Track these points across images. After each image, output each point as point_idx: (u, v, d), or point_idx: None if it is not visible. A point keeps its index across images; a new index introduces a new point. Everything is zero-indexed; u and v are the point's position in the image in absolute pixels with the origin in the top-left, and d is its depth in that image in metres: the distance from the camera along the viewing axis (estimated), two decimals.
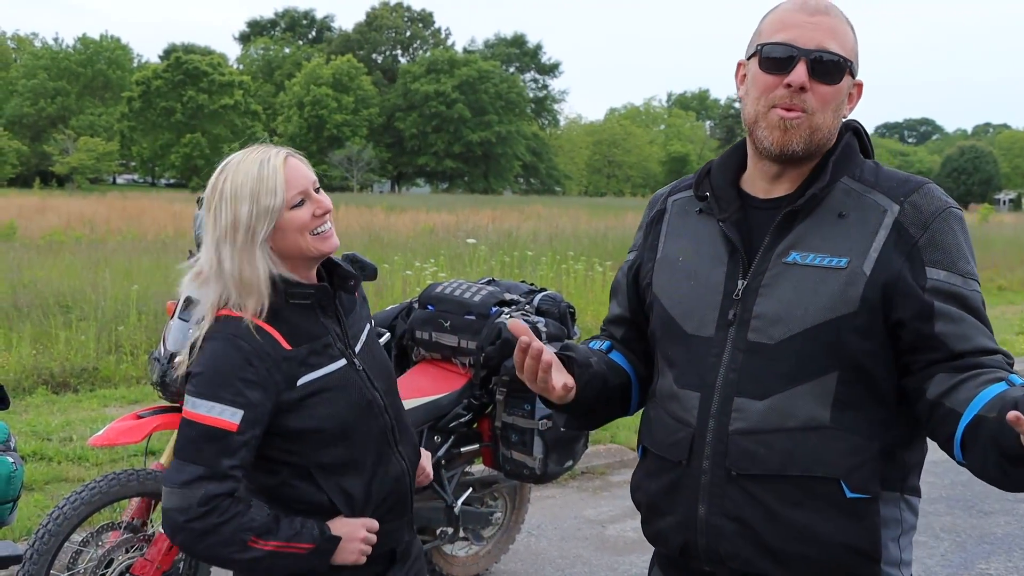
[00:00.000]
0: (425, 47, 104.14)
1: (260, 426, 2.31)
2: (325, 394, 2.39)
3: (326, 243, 2.39)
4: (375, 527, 2.46)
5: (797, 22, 2.05)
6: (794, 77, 2.01)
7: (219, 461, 2.27)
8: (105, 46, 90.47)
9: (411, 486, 2.59)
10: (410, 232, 22.77)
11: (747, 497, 2.03)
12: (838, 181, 2.08)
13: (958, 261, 2.00)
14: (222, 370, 2.30)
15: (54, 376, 8.89)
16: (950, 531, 6.27)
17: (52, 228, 23.36)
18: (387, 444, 2.51)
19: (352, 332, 2.52)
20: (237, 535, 2.28)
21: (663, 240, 2.29)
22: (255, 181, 2.30)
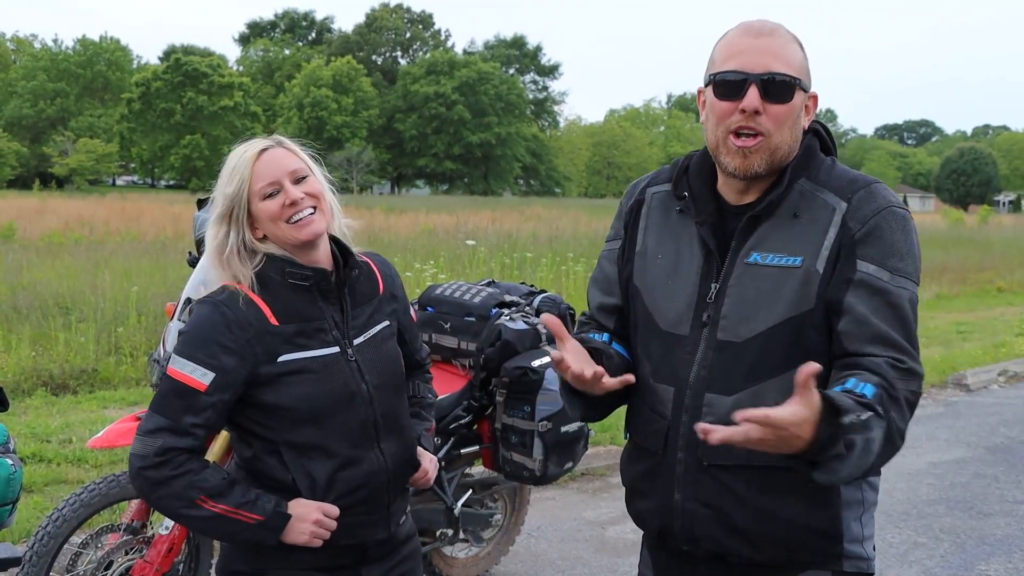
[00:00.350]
0: (425, 48, 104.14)
1: (230, 392, 2.39)
2: (304, 375, 2.43)
3: (301, 231, 2.42)
4: (333, 513, 2.46)
5: (745, 47, 2.13)
6: (747, 102, 2.10)
7: (183, 417, 2.38)
8: (105, 47, 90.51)
9: (391, 485, 2.58)
10: (410, 233, 22.79)
11: (718, 485, 2.18)
12: (795, 183, 2.18)
13: (889, 258, 2.09)
14: (202, 332, 2.41)
15: (53, 378, 8.88)
16: (950, 532, 6.27)
17: (51, 230, 23.38)
18: (366, 438, 2.52)
19: (356, 323, 2.54)
20: (187, 491, 2.37)
21: (642, 233, 2.37)
22: (229, 169, 2.46)
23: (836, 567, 2.21)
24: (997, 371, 11.52)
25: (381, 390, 2.56)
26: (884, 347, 2.05)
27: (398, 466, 2.61)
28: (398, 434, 2.62)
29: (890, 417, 1.96)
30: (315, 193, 2.46)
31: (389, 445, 2.58)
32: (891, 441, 1.98)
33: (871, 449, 1.93)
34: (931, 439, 8.68)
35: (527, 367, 4.35)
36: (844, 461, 1.90)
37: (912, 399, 2.04)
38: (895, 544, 6.03)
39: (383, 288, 2.67)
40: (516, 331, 4.47)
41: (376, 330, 2.59)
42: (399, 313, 2.73)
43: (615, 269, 2.43)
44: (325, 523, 2.46)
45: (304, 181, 2.46)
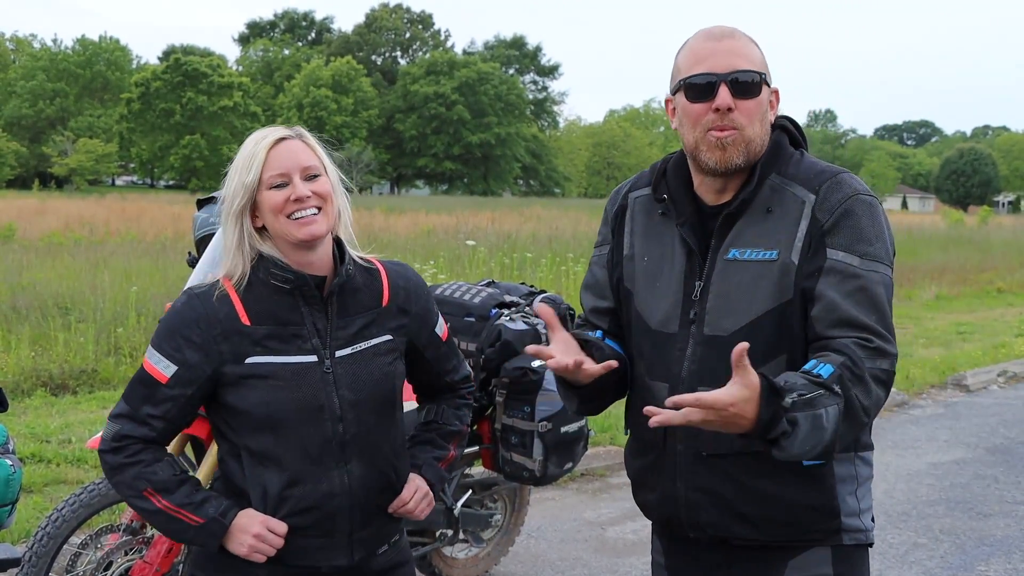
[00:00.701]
0: (425, 49, 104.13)
1: (192, 387, 2.36)
2: (269, 381, 2.34)
3: (300, 229, 2.32)
4: (279, 530, 2.36)
5: (708, 51, 2.25)
6: (720, 101, 2.21)
7: (142, 406, 2.37)
8: (104, 47, 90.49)
9: (355, 511, 2.43)
10: (409, 234, 22.80)
11: (718, 473, 2.27)
12: (766, 179, 2.27)
13: (858, 243, 2.18)
14: (171, 324, 2.39)
15: (53, 378, 8.87)
16: (949, 533, 6.27)
17: (51, 230, 23.37)
18: (328, 455, 2.38)
19: (342, 333, 2.42)
20: (136, 482, 2.36)
21: (628, 237, 2.47)
22: (244, 157, 2.37)
23: (836, 541, 2.30)
24: (997, 372, 11.52)
25: (357, 407, 2.41)
26: (852, 329, 2.13)
27: (366, 492, 2.44)
28: (372, 457, 2.45)
29: (851, 395, 2.04)
30: (323, 194, 2.36)
31: (358, 467, 2.42)
32: (854, 417, 2.07)
33: (822, 425, 2.01)
34: (931, 440, 8.68)
35: (527, 367, 4.35)
36: (792, 438, 1.99)
37: (882, 376, 2.11)
38: (895, 545, 6.03)
39: (388, 300, 2.51)
40: (516, 331, 4.47)
41: (368, 344, 2.45)
42: (410, 329, 2.55)
43: (606, 273, 2.53)
44: (267, 538, 2.36)
45: (315, 180, 2.36)
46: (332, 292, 2.41)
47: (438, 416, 2.74)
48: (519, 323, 4.52)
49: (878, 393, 2.11)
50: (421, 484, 2.60)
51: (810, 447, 2.03)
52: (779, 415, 1.98)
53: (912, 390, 10.44)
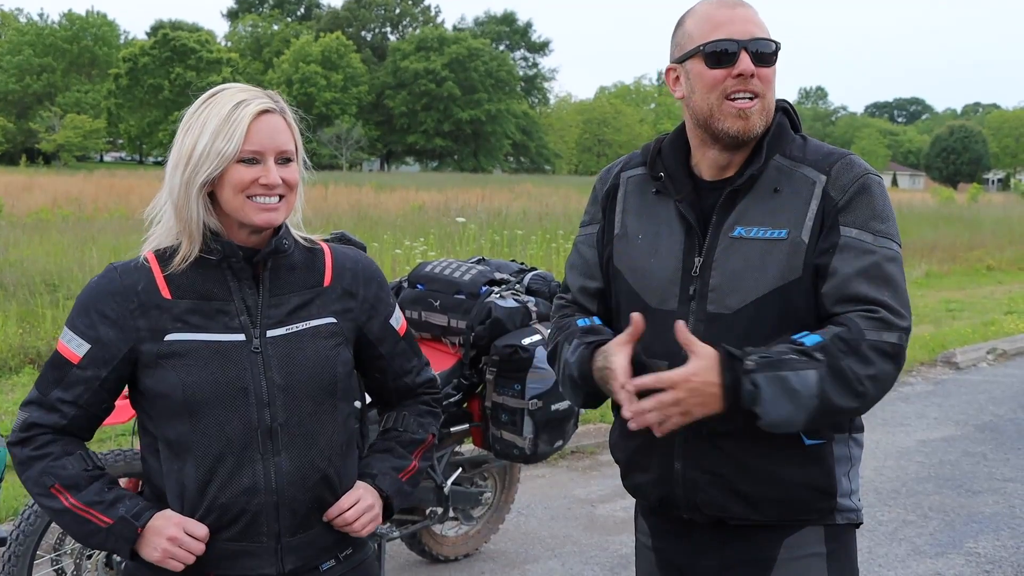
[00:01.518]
0: (415, 25, 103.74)
1: (107, 368, 2.14)
2: (188, 359, 2.12)
3: (259, 215, 2.13)
4: (198, 533, 2.12)
5: (726, 18, 2.24)
6: (743, 67, 2.20)
7: (51, 390, 2.16)
8: (91, 22, 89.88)
9: (281, 511, 2.17)
10: (399, 210, 22.74)
11: (719, 452, 2.27)
12: (771, 159, 2.28)
13: (871, 221, 2.20)
14: (86, 299, 2.18)
15: (41, 355, 8.83)
16: (939, 510, 6.28)
17: (39, 206, 23.26)
18: (252, 445, 2.13)
19: (275, 312, 2.20)
20: (43, 476, 2.14)
21: (619, 216, 2.45)
22: (221, 120, 2.12)
23: (829, 521, 2.32)
24: (986, 349, 11.55)
25: (289, 393, 2.16)
26: (861, 303, 2.15)
27: (295, 490, 2.18)
28: (304, 451, 2.19)
29: (839, 364, 2.07)
30: (292, 183, 2.16)
31: (288, 462, 2.17)
32: (846, 387, 2.09)
33: (792, 388, 2.05)
34: (920, 417, 8.69)
35: (517, 345, 4.33)
36: (761, 403, 2.05)
37: (887, 349, 2.13)
38: (884, 522, 6.04)
39: (330, 281, 2.30)
40: (506, 309, 4.45)
41: (305, 325, 2.22)
42: (357, 316, 2.33)
43: (595, 253, 2.50)
44: (183, 542, 2.11)
45: (287, 165, 2.17)
46: (264, 266, 2.21)
47: (398, 423, 2.48)
48: (509, 300, 4.50)
49: (883, 366, 2.12)
50: (366, 495, 2.30)
51: (789, 413, 2.07)
52: (739, 378, 2.05)
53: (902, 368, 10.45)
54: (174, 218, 2.18)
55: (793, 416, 2.08)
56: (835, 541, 2.33)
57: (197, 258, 2.17)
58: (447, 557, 5.18)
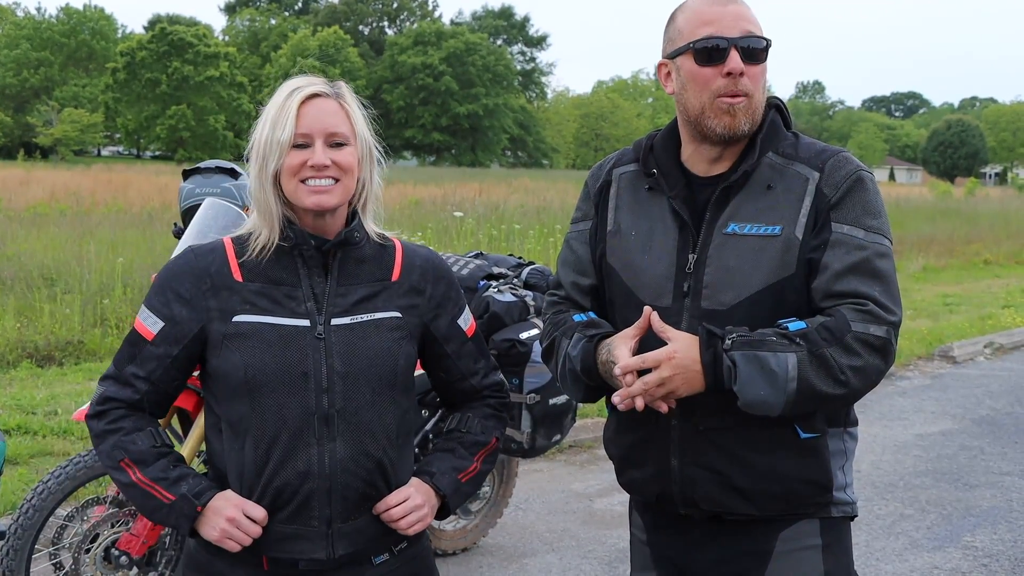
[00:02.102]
0: (412, 19, 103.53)
1: (178, 346, 2.21)
2: (253, 340, 2.17)
3: (310, 197, 2.16)
4: (256, 515, 2.16)
5: (716, 15, 2.23)
6: (732, 65, 2.20)
7: (127, 365, 2.24)
8: (89, 16, 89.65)
9: (333, 496, 2.20)
10: (397, 205, 22.70)
11: (714, 447, 2.28)
12: (764, 156, 2.29)
13: (863, 217, 2.22)
14: (163, 278, 2.26)
15: (39, 349, 8.84)
16: (936, 504, 6.30)
17: (36, 200, 23.23)
18: (308, 429, 2.17)
19: (341, 301, 2.23)
20: (114, 450, 2.21)
21: (612, 213, 2.44)
22: (275, 108, 2.19)
23: (825, 514, 2.34)
24: (984, 343, 11.57)
25: (349, 380, 2.20)
26: (849, 297, 2.17)
27: (348, 477, 2.20)
28: (360, 438, 2.21)
29: (821, 351, 2.10)
30: (344, 165, 2.18)
31: (343, 448, 2.19)
32: (825, 372, 2.10)
33: (771, 368, 2.08)
34: (918, 411, 8.71)
35: (515, 339, 4.33)
36: (738, 379, 2.09)
37: (874, 341, 2.13)
38: (882, 516, 6.05)
39: (399, 276, 2.32)
40: (504, 303, 4.45)
41: (370, 317, 2.25)
42: (423, 312, 2.34)
43: (587, 249, 2.49)
44: (242, 524, 2.15)
45: (340, 148, 2.18)
46: (334, 256, 2.25)
47: (461, 424, 2.46)
48: (507, 295, 4.50)
49: (868, 359, 2.13)
50: (416, 495, 2.30)
51: (767, 393, 2.10)
52: (719, 355, 2.12)
53: (899, 362, 10.47)
54: (256, 209, 2.25)
55: (770, 398, 2.10)
56: (831, 534, 2.35)
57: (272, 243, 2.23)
58: (445, 551, 5.18)
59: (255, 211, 2.26)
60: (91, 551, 3.95)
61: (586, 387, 2.39)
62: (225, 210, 4.09)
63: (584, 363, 2.33)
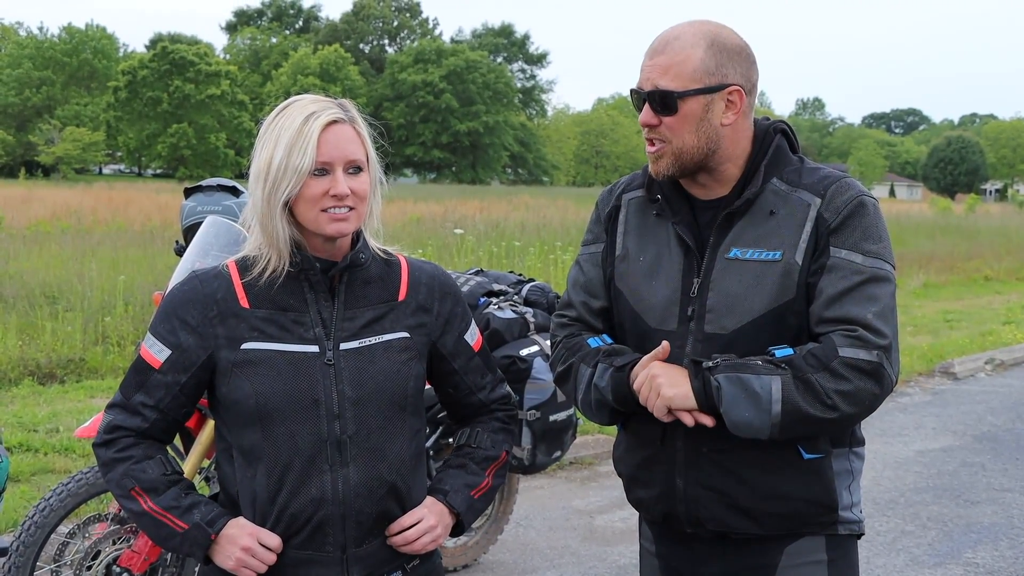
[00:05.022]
0: (413, 37, 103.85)
1: (186, 374, 2.20)
2: (262, 368, 2.16)
3: (329, 225, 2.14)
4: (271, 543, 2.17)
5: (642, 67, 2.33)
6: (642, 118, 2.32)
7: (134, 393, 2.23)
8: (91, 35, 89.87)
9: (348, 521, 2.20)
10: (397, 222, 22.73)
11: (719, 468, 2.32)
12: (768, 182, 2.32)
13: (862, 242, 2.24)
14: (169, 305, 2.24)
15: (40, 367, 8.85)
16: (937, 521, 6.29)
17: (38, 218, 23.26)
18: (322, 456, 2.17)
19: (349, 325, 2.22)
20: (124, 479, 2.19)
21: (621, 238, 2.49)
22: (294, 134, 2.14)
23: (831, 531, 2.37)
24: (984, 359, 11.56)
25: (360, 405, 2.19)
26: (840, 323, 2.20)
27: (362, 502, 2.20)
28: (373, 463, 2.21)
29: (808, 376, 2.14)
30: (361, 193, 2.17)
31: (356, 474, 2.19)
32: (812, 396, 2.14)
33: (754, 391, 2.14)
34: (918, 427, 8.71)
35: (515, 356, 4.34)
36: (723, 400, 2.16)
37: (864, 366, 2.16)
38: (883, 532, 6.05)
39: (405, 295, 2.31)
40: (504, 320, 4.46)
41: (378, 339, 2.24)
42: (431, 331, 2.34)
43: (599, 272, 2.53)
44: (257, 553, 2.16)
45: (357, 175, 2.17)
46: (340, 279, 2.23)
47: (471, 439, 2.45)
48: (507, 311, 4.51)
49: (858, 383, 2.16)
50: (429, 514, 2.30)
51: (751, 416, 2.15)
52: (707, 379, 2.19)
53: (900, 378, 10.45)
54: (259, 230, 2.21)
55: (755, 420, 2.16)
56: (836, 550, 2.38)
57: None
58: (445, 568, 5.18)
59: (258, 234, 2.22)
60: (93, 568, 3.96)
61: (612, 412, 2.42)
62: (227, 228, 4.11)
63: (617, 393, 2.35)
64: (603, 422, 2.49)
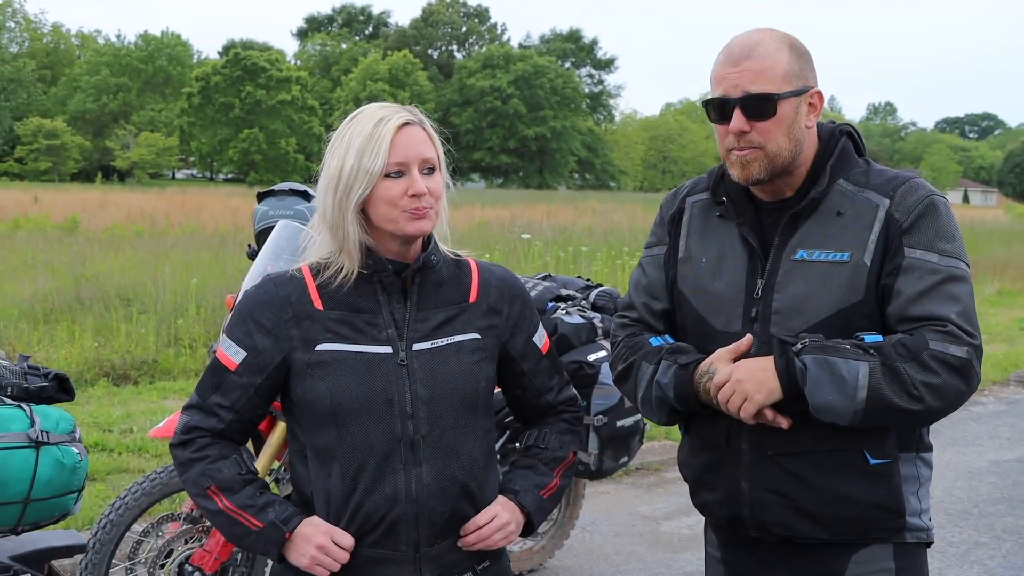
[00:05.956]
0: (481, 42, 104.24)
1: (261, 376, 2.24)
2: (337, 369, 2.19)
3: (411, 223, 2.18)
4: (345, 543, 2.19)
5: (726, 74, 2.29)
6: (733, 125, 2.27)
7: (211, 395, 2.27)
8: (166, 43, 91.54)
9: (421, 520, 2.22)
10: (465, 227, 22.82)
11: (784, 472, 2.31)
12: (835, 183, 2.32)
13: (936, 241, 2.23)
14: (244, 308, 2.28)
15: (115, 368, 9.03)
16: (1012, 532, 6.17)
17: (113, 222, 23.76)
18: (395, 455, 2.19)
19: (421, 326, 2.25)
20: (201, 478, 2.24)
21: (684, 240, 2.50)
22: (365, 138, 2.18)
23: (899, 539, 2.33)
24: None
25: (432, 405, 2.22)
26: (924, 320, 2.19)
27: (435, 501, 2.22)
28: (446, 463, 2.23)
29: (895, 364, 2.13)
30: (437, 192, 2.22)
31: (430, 473, 2.21)
32: (898, 385, 2.13)
33: (840, 375, 2.12)
34: (993, 437, 8.54)
35: (583, 361, 4.34)
36: (807, 382, 2.14)
37: (953, 361, 2.15)
38: (955, 544, 5.94)
39: (476, 296, 2.34)
40: (572, 325, 4.47)
41: (450, 340, 2.27)
42: (501, 332, 2.36)
43: (661, 274, 2.53)
44: (332, 551, 2.18)
45: (431, 174, 2.22)
46: (412, 281, 2.26)
47: (539, 440, 2.47)
48: (575, 317, 4.52)
49: (946, 377, 2.14)
50: (503, 512, 2.33)
51: (836, 399, 2.13)
52: (791, 360, 2.17)
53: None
54: (329, 238, 2.25)
55: (839, 404, 2.14)
56: (905, 559, 2.35)
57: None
58: (512, 572, 5.19)
59: (327, 238, 2.26)
60: (166, 566, 4.03)
61: (670, 411, 2.41)
62: (298, 232, 4.16)
63: (679, 391, 2.35)
64: (662, 421, 2.48)
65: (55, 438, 3.32)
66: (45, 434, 3.29)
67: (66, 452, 3.34)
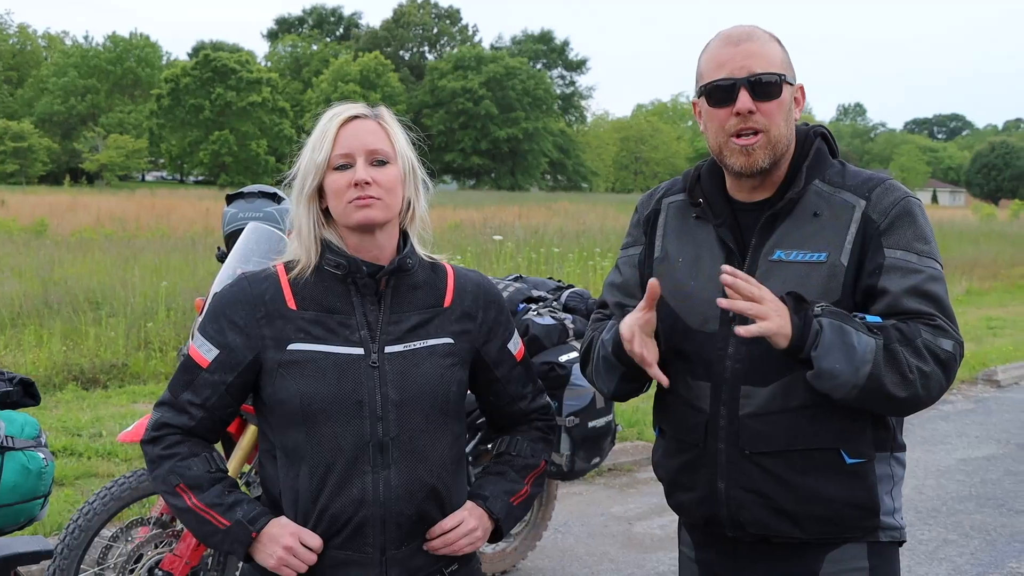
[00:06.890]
0: (452, 44, 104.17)
1: (233, 374, 2.24)
2: (307, 369, 2.18)
3: (356, 212, 2.18)
4: (312, 544, 2.19)
5: (727, 56, 2.29)
6: (740, 105, 2.26)
7: (181, 392, 2.27)
8: (135, 44, 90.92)
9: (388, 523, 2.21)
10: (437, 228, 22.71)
11: (760, 471, 2.31)
12: (811, 184, 2.33)
13: (914, 242, 2.26)
14: (217, 306, 2.28)
15: (84, 372, 8.95)
16: (980, 529, 6.22)
17: (82, 225, 23.56)
18: (364, 457, 2.18)
19: (394, 328, 2.25)
20: (170, 475, 2.23)
21: (660, 240, 2.50)
22: (317, 133, 2.24)
23: (873, 538, 2.36)
24: None
25: (402, 408, 2.21)
26: (915, 314, 2.21)
27: (402, 504, 2.22)
28: (414, 466, 2.22)
29: (894, 346, 2.14)
30: (386, 184, 2.20)
31: (397, 476, 2.21)
32: (895, 366, 2.14)
33: (852, 344, 2.11)
34: (961, 435, 8.61)
35: (554, 362, 4.34)
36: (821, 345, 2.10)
37: (941, 354, 2.18)
38: (924, 541, 5.99)
39: (451, 301, 2.33)
40: (543, 326, 4.46)
41: (423, 344, 2.26)
42: (475, 338, 2.36)
43: (635, 273, 2.55)
44: (299, 552, 2.18)
45: (382, 167, 2.21)
46: (387, 283, 2.26)
47: (511, 447, 2.48)
48: (547, 318, 4.51)
49: (934, 368, 2.17)
50: (470, 517, 2.33)
51: (841, 367, 2.11)
52: (810, 318, 2.13)
53: None
54: (295, 234, 2.29)
55: (844, 373, 2.12)
56: (878, 558, 2.37)
57: (324, 271, 2.25)
58: (484, 574, 5.18)
59: (295, 235, 2.29)
60: (135, 571, 4.00)
61: (620, 376, 2.40)
62: (268, 234, 4.14)
63: (615, 342, 2.34)
64: (609, 388, 2.46)
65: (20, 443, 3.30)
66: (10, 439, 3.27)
67: (31, 457, 3.32)
